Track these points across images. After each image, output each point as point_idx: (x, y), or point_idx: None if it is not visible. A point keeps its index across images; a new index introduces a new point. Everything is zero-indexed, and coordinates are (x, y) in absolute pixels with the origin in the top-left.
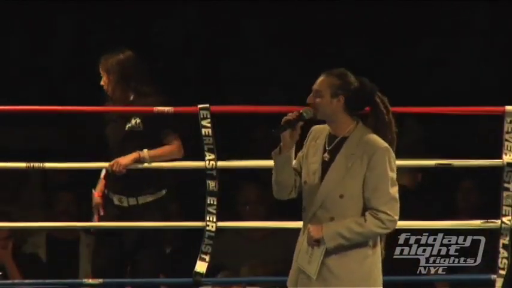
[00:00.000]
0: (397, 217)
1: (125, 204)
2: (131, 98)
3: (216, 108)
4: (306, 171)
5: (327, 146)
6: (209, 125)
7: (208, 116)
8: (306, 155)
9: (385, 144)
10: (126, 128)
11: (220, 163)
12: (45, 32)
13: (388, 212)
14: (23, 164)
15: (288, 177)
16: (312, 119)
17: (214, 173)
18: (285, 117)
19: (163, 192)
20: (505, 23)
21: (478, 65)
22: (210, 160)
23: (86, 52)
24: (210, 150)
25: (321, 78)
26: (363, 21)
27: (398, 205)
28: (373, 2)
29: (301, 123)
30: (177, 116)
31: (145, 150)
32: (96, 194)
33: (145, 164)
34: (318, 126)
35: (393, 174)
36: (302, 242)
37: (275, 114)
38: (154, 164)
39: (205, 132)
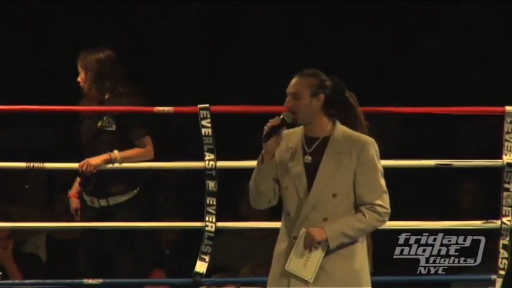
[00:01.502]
0: (389, 209)
1: (96, 205)
2: (106, 97)
3: (216, 108)
4: (287, 177)
5: (306, 148)
6: (209, 125)
7: (208, 116)
8: (280, 160)
9: (371, 138)
10: (98, 126)
11: (220, 163)
12: (46, 32)
13: (383, 204)
14: (23, 164)
15: (270, 185)
16: (292, 123)
17: (213, 173)
18: (269, 124)
19: (135, 192)
20: (505, 23)
21: (477, 65)
22: (209, 160)
23: None
24: (210, 151)
25: (296, 81)
26: (363, 22)
27: (388, 197)
28: (374, 2)
29: (284, 128)
30: (149, 116)
31: (116, 151)
32: (72, 194)
33: (143, 164)
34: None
35: (381, 167)
36: (286, 247)
37: (275, 114)
38: (147, 164)
39: (205, 132)
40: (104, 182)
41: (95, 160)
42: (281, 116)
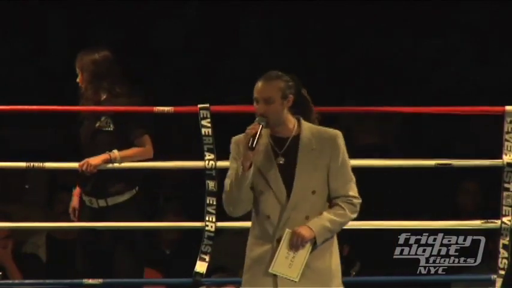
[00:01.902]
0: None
1: (95, 205)
2: (103, 97)
3: (216, 108)
4: (261, 180)
5: (277, 149)
6: (209, 125)
7: (208, 116)
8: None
9: (338, 131)
10: (96, 127)
11: (220, 163)
12: (45, 32)
13: (356, 195)
14: (23, 164)
15: (249, 192)
16: (266, 127)
17: (213, 173)
18: (251, 132)
19: (134, 191)
20: (505, 22)
21: (477, 65)
22: (209, 160)
23: None
24: (210, 150)
25: (266, 85)
26: (363, 22)
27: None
28: (374, 2)
29: (262, 133)
30: (148, 116)
31: (115, 151)
32: (76, 193)
33: (143, 164)
34: (236, 137)
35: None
36: (268, 251)
37: None
38: (147, 164)
39: (205, 132)
40: (102, 182)
41: (95, 160)
42: (257, 122)
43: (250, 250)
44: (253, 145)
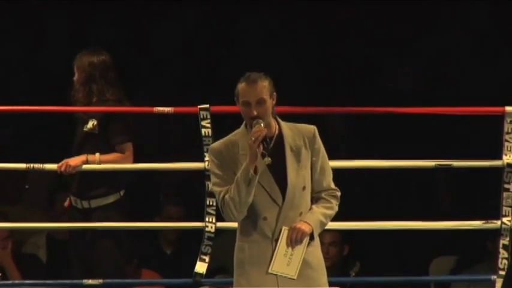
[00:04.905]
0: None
1: (79, 206)
2: (93, 100)
3: (216, 108)
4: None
5: (263, 150)
6: (209, 125)
7: (208, 117)
8: (240, 168)
9: (313, 126)
10: (84, 130)
11: None
12: (45, 32)
13: (336, 188)
14: (23, 165)
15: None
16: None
17: None
18: (261, 133)
19: (119, 195)
20: (505, 22)
21: (477, 65)
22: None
23: None
24: None
25: (254, 87)
26: (363, 21)
27: None
28: (374, 2)
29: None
30: (132, 123)
31: (97, 154)
32: None
33: (142, 165)
34: (216, 145)
35: None
36: (268, 251)
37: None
38: (148, 165)
39: (205, 132)
40: (88, 184)
41: (74, 161)
42: (259, 124)
43: (245, 253)
44: (269, 146)
